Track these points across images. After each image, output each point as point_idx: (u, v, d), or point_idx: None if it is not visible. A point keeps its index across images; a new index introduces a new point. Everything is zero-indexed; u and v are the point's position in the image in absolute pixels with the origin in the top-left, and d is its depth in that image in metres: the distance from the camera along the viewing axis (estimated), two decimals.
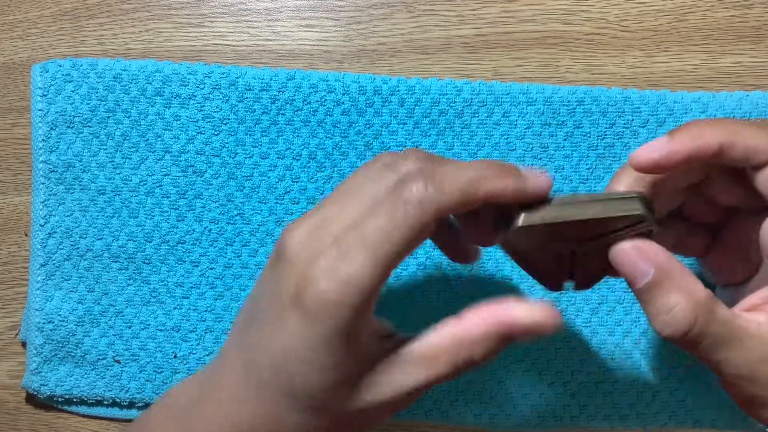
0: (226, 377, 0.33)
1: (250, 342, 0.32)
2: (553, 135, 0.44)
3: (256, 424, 0.31)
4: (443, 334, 0.30)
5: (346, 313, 0.28)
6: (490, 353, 0.30)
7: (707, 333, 0.29)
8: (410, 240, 0.28)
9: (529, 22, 0.46)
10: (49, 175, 0.44)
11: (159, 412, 0.35)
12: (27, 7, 0.48)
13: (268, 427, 0.31)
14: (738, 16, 0.46)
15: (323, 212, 0.31)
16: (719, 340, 0.29)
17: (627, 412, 0.43)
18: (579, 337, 0.43)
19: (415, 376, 0.30)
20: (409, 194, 0.28)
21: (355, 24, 0.46)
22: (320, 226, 0.30)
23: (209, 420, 0.32)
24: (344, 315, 0.28)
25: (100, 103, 0.44)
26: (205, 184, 0.44)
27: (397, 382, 0.30)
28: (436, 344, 0.30)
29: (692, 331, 0.29)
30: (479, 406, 0.43)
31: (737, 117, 0.43)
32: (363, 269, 0.28)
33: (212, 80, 0.44)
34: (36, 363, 0.44)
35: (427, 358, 0.30)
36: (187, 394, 0.34)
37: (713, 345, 0.29)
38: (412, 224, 0.28)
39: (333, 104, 0.44)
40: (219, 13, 0.47)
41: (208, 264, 0.44)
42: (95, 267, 0.44)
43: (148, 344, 0.44)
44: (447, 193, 0.28)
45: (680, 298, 0.29)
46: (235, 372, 0.32)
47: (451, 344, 0.30)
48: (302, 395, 0.30)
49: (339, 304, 0.28)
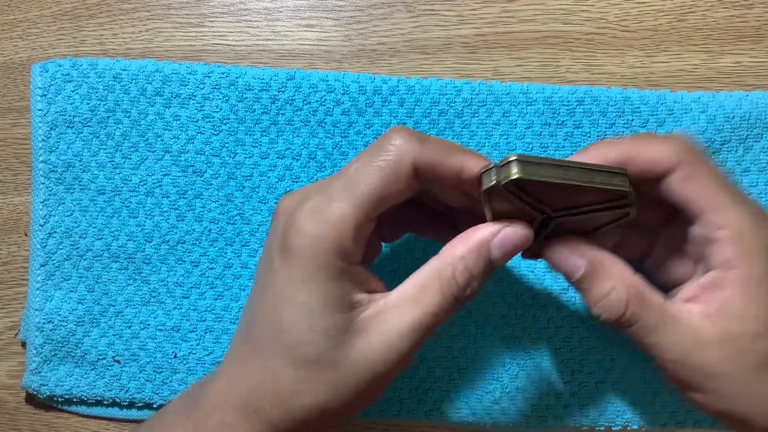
0: (231, 347, 0.34)
1: (249, 303, 0.33)
2: (553, 135, 0.44)
3: (252, 386, 0.31)
4: (425, 269, 0.32)
5: (328, 249, 0.30)
6: (473, 277, 0.31)
7: (639, 315, 0.31)
8: (388, 181, 0.30)
9: (529, 22, 0.46)
10: (48, 175, 0.44)
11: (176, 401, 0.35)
12: (27, 7, 0.48)
13: (264, 388, 0.31)
14: (738, 16, 0.46)
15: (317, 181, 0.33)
16: (651, 324, 0.31)
17: (627, 411, 0.43)
18: (579, 337, 0.43)
19: (405, 315, 0.31)
20: (390, 143, 0.31)
21: (355, 24, 0.46)
22: (313, 186, 0.32)
23: (212, 392, 0.32)
24: (326, 250, 0.30)
25: (99, 103, 0.44)
26: (205, 184, 0.44)
27: (388, 326, 0.31)
28: (420, 279, 0.31)
29: (626, 314, 0.31)
30: (479, 406, 0.43)
31: (737, 117, 0.43)
32: (343, 208, 0.30)
33: (212, 80, 0.44)
34: (36, 363, 0.44)
35: (414, 294, 0.31)
36: (203, 379, 0.35)
37: (645, 329, 0.32)
38: (391, 167, 0.31)
39: (333, 104, 0.44)
40: (219, 13, 0.47)
41: (208, 264, 0.44)
42: (95, 267, 0.44)
43: (147, 344, 0.44)
44: (427, 148, 0.31)
45: (614, 284, 0.32)
46: (237, 339, 0.33)
47: (432, 273, 0.31)
48: (293, 344, 0.30)
49: (320, 240, 0.30)
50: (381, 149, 0.31)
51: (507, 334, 0.43)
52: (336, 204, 0.30)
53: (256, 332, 0.32)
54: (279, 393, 0.31)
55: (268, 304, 0.31)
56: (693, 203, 0.32)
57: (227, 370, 0.33)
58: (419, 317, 0.31)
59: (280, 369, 0.31)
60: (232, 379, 0.32)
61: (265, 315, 0.31)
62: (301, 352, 0.30)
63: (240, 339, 0.33)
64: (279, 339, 0.31)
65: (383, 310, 0.31)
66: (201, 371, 0.44)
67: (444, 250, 0.32)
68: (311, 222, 0.30)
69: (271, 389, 0.31)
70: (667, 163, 0.32)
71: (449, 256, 0.32)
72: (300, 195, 0.32)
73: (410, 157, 0.31)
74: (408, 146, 0.31)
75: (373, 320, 0.31)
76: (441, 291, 0.31)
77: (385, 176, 0.31)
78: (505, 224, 0.32)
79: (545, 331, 0.43)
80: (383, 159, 0.31)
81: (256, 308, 0.32)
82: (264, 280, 0.32)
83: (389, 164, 0.31)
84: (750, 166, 0.43)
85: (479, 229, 0.32)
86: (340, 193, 0.31)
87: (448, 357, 0.43)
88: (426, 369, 0.43)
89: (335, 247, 0.30)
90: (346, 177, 0.31)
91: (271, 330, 0.31)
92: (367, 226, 0.31)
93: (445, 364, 0.43)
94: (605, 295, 0.32)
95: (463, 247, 0.32)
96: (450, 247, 0.32)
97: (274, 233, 0.32)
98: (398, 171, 0.31)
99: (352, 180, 0.31)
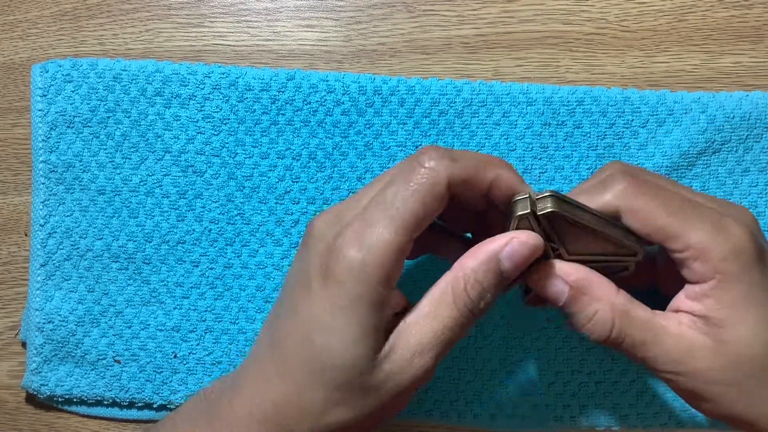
0: (254, 360, 0.33)
1: (278, 321, 0.33)
2: (553, 135, 0.44)
3: (278, 402, 0.31)
4: (439, 284, 0.32)
5: (372, 277, 0.30)
6: (484, 290, 0.31)
7: (627, 332, 0.32)
8: (426, 203, 0.30)
9: (529, 22, 0.46)
10: (49, 175, 0.44)
11: (189, 405, 0.35)
12: (27, 7, 0.48)
13: (291, 405, 0.31)
14: (738, 16, 0.46)
15: (349, 199, 0.33)
16: (639, 339, 0.32)
17: (627, 411, 0.43)
18: (578, 336, 0.43)
19: (423, 333, 0.31)
20: (424, 161, 0.31)
21: (355, 24, 0.46)
22: (345, 207, 0.32)
23: (235, 404, 0.32)
24: (370, 279, 0.30)
25: (100, 103, 0.44)
26: (205, 184, 0.44)
27: (410, 345, 0.31)
28: (435, 295, 0.32)
29: (612, 333, 0.32)
30: (479, 406, 0.43)
31: (737, 117, 0.43)
32: (385, 233, 0.30)
33: (212, 80, 0.44)
34: (36, 363, 0.44)
35: (429, 310, 0.31)
36: (219, 387, 0.35)
37: (634, 344, 0.32)
38: (427, 187, 0.30)
39: (333, 104, 0.44)
40: (219, 13, 0.47)
41: (208, 264, 0.44)
42: (95, 267, 0.44)
43: (148, 344, 0.44)
44: (459, 166, 0.31)
45: (598, 306, 0.32)
46: (261, 351, 0.33)
47: (445, 288, 0.31)
48: (324, 367, 0.30)
49: (364, 268, 0.29)
50: (414, 171, 0.31)
51: (507, 334, 0.43)
52: (378, 230, 0.30)
53: (285, 351, 0.32)
54: (306, 411, 0.31)
55: (301, 325, 0.31)
56: (651, 236, 0.32)
57: (251, 383, 0.33)
58: (437, 333, 0.31)
59: (308, 389, 0.31)
60: (258, 394, 0.32)
61: (296, 335, 0.31)
62: (331, 377, 0.30)
63: (266, 354, 0.33)
64: (309, 361, 0.31)
65: (403, 329, 0.31)
66: (201, 371, 0.44)
67: (456, 263, 0.32)
68: (355, 248, 0.30)
69: (297, 407, 0.31)
70: (610, 207, 0.32)
71: (460, 269, 0.32)
72: (334, 217, 0.32)
73: (445, 178, 0.31)
74: (442, 167, 0.31)
75: (397, 341, 0.31)
76: (455, 305, 0.31)
77: (422, 199, 0.30)
78: (514, 235, 0.31)
79: (545, 331, 0.43)
80: (419, 182, 0.31)
81: (287, 327, 0.32)
82: (298, 300, 0.32)
83: (426, 187, 0.30)
84: (750, 167, 0.43)
85: (490, 241, 0.32)
86: (380, 218, 0.30)
87: (448, 357, 0.43)
88: None
89: (379, 273, 0.30)
90: (383, 201, 0.31)
91: (302, 351, 0.31)
92: (407, 249, 0.31)
93: (445, 364, 0.43)
94: (590, 317, 0.32)
95: (473, 261, 0.31)
96: (461, 261, 0.32)
97: (310, 255, 0.32)
98: (435, 193, 0.31)
99: (391, 204, 0.30)
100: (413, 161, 0.31)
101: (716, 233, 0.31)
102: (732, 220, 0.32)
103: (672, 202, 0.32)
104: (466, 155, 0.32)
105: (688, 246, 0.31)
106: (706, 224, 0.31)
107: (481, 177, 0.32)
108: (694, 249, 0.31)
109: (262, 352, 0.33)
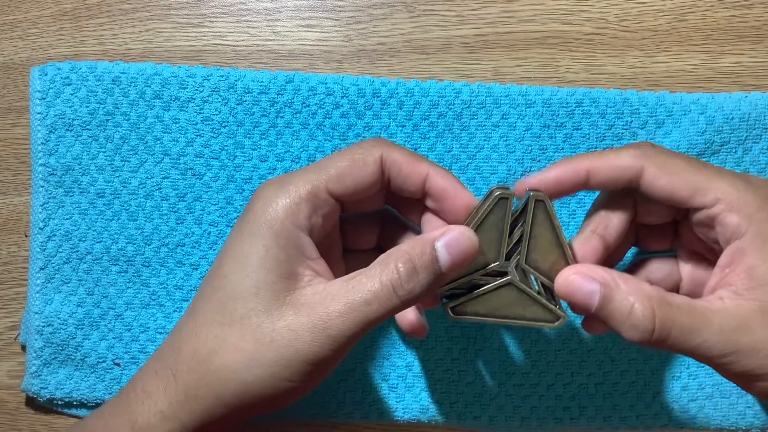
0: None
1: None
2: (551, 137, 0.44)
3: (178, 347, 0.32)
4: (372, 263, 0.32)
5: (280, 209, 0.32)
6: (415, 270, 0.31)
7: (672, 321, 0.30)
8: (353, 166, 0.33)
9: (529, 22, 0.46)
10: (48, 178, 0.44)
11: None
12: (27, 7, 0.48)
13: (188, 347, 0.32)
14: (738, 16, 0.45)
15: None
16: (687, 325, 0.30)
17: (627, 413, 0.43)
18: (578, 338, 0.43)
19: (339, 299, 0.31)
20: (360, 141, 0.34)
21: (355, 24, 0.46)
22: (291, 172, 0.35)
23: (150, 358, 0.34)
24: (277, 210, 0.32)
25: (98, 106, 0.44)
26: (204, 186, 0.44)
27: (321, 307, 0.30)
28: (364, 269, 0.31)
29: (656, 325, 0.30)
30: (479, 408, 0.43)
31: (736, 118, 0.43)
32: (303, 178, 0.33)
33: (211, 83, 0.44)
34: (36, 366, 0.44)
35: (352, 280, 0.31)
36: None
37: (683, 332, 0.30)
38: (354, 156, 0.33)
39: (332, 107, 0.44)
40: (219, 13, 0.47)
41: (208, 267, 0.44)
42: (94, 270, 0.44)
43: (147, 347, 0.44)
44: (395, 150, 0.34)
45: (632, 298, 0.31)
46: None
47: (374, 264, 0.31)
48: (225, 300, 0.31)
49: (274, 201, 0.32)
50: (353, 147, 0.34)
51: (506, 336, 0.44)
52: (298, 176, 0.33)
53: (199, 294, 0.33)
54: (198, 353, 0.31)
55: (216, 260, 0.33)
56: (677, 192, 0.32)
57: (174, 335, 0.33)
58: (352, 302, 0.30)
59: (205, 327, 0.31)
60: (165, 344, 0.33)
61: (210, 273, 0.33)
62: (230, 308, 0.31)
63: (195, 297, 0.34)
64: (214, 295, 0.32)
65: (321, 291, 0.31)
66: None
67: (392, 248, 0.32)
68: (271, 189, 0.32)
69: (192, 348, 0.31)
70: (633, 165, 0.32)
71: (395, 250, 0.31)
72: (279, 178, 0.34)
73: (379, 153, 0.33)
74: (377, 145, 0.34)
75: (309, 298, 0.31)
76: (380, 279, 0.30)
77: (350, 160, 0.33)
78: (452, 227, 0.32)
79: (545, 334, 0.43)
80: (353, 152, 0.34)
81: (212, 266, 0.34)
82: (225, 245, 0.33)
83: (356, 152, 0.33)
84: (749, 168, 0.43)
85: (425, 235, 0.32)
86: (304, 170, 0.33)
87: (448, 359, 0.43)
88: (426, 370, 0.44)
89: (287, 208, 0.32)
90: (318, 164, 0.34)
91: (210, 287, 0.32)
92: (328, 202, 0.33)
93: (446, 365, 0.44)
94: (628, 312, 0.30)
95: (408, 244, 0.31)
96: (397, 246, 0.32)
97: (247, 206, 0.33)
98: (365, 160, 0.33)
99: (319, 162, 0.34)
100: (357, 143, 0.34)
101: (745, 185, 0.31)
102: (753, 177, 0.32)
103: (695, 162, 0.32)
104: (408, 150, 0.34)
105: (720, 196, 0.31)
106: (733, 178, 0.31)
107: (416, 168, 0.34)
108: (727, 199, 0.31)
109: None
